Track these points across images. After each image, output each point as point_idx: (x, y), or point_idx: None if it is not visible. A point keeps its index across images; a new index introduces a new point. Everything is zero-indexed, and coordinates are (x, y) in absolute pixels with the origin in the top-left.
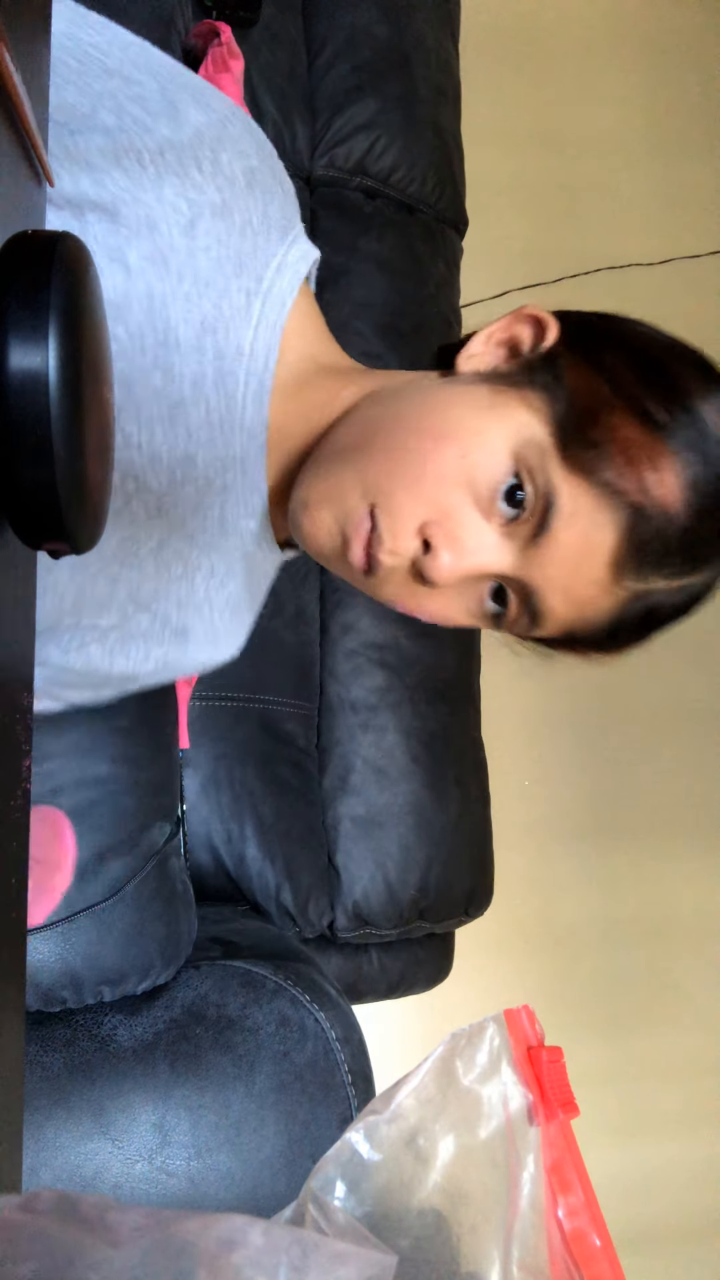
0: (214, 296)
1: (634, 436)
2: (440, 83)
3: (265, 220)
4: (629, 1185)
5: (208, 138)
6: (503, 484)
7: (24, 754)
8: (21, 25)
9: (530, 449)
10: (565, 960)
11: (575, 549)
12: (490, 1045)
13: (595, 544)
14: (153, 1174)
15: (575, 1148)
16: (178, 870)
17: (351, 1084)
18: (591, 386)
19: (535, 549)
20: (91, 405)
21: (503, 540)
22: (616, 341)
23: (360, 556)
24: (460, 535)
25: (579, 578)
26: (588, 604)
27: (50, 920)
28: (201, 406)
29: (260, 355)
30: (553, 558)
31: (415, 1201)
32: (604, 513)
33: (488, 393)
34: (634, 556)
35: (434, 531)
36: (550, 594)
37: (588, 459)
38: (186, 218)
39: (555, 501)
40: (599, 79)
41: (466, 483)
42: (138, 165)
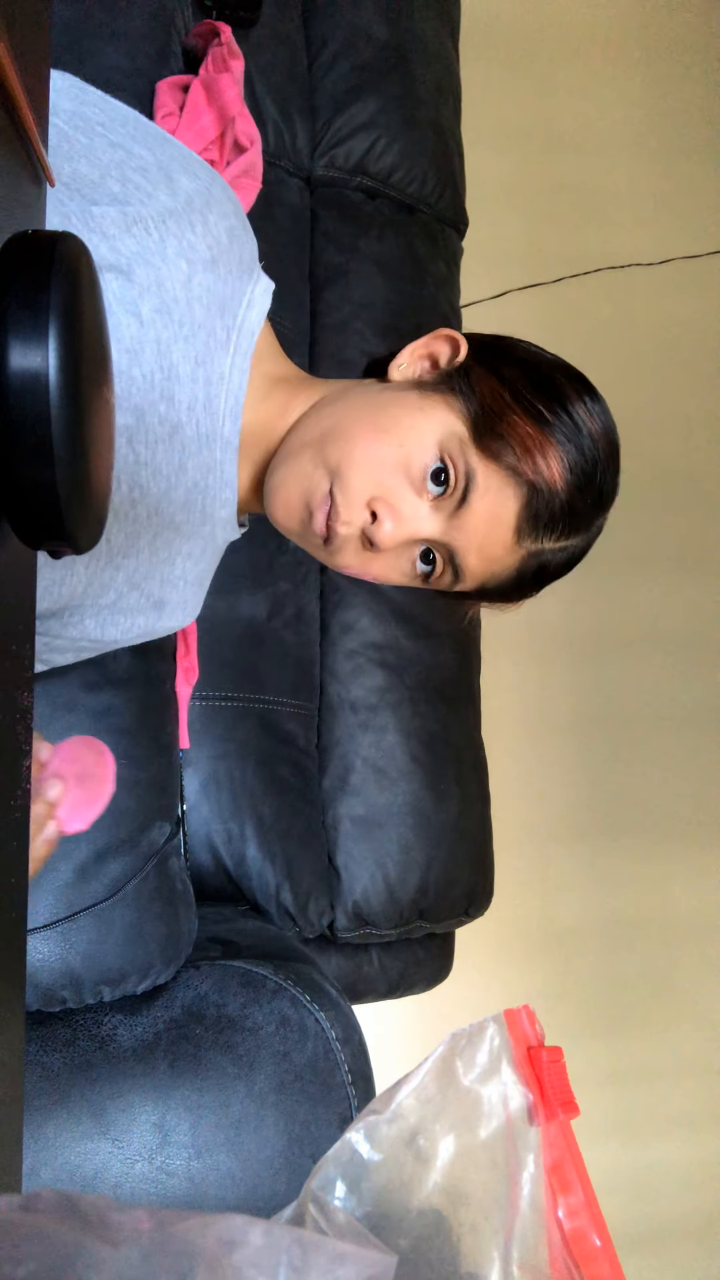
0: (204, 336)
1: (529, 431)
2: (440, 83)
3: (240, 266)
4: (629, 1185)
5: (197, 203)
6: (431, 467)
7: (24, 754)
8: (22, 26)
9: (452, 440)
10: (565, 960)
11: (487, 517)
12: (490, 1045)
13: (502, 514)
14: (153, 1174)
15: (575, 1148)
16: (178, 870)
17: (351, 1084)
18: (496, 392)
19: (457, 518)
20: (91, 405)
21: (432, 512)
22: (513, 358)
23: (321, 526)
24: (399, 507)
25: (490, 540)
26: (496, 561)
27: (50, 920)
28: (193, 425)
29: (236, 379)
30: (471, 525)
31: (415, 1201)
32: (508, 489)
33: (418, 396)
34: (530, 523)
35: (379, 505)
36: (469, 554)
37: (496, 448)
38: (185, 274)
39: (473, 480)
40: (599, 79)
41: (403, 467)
42: (145, 232)
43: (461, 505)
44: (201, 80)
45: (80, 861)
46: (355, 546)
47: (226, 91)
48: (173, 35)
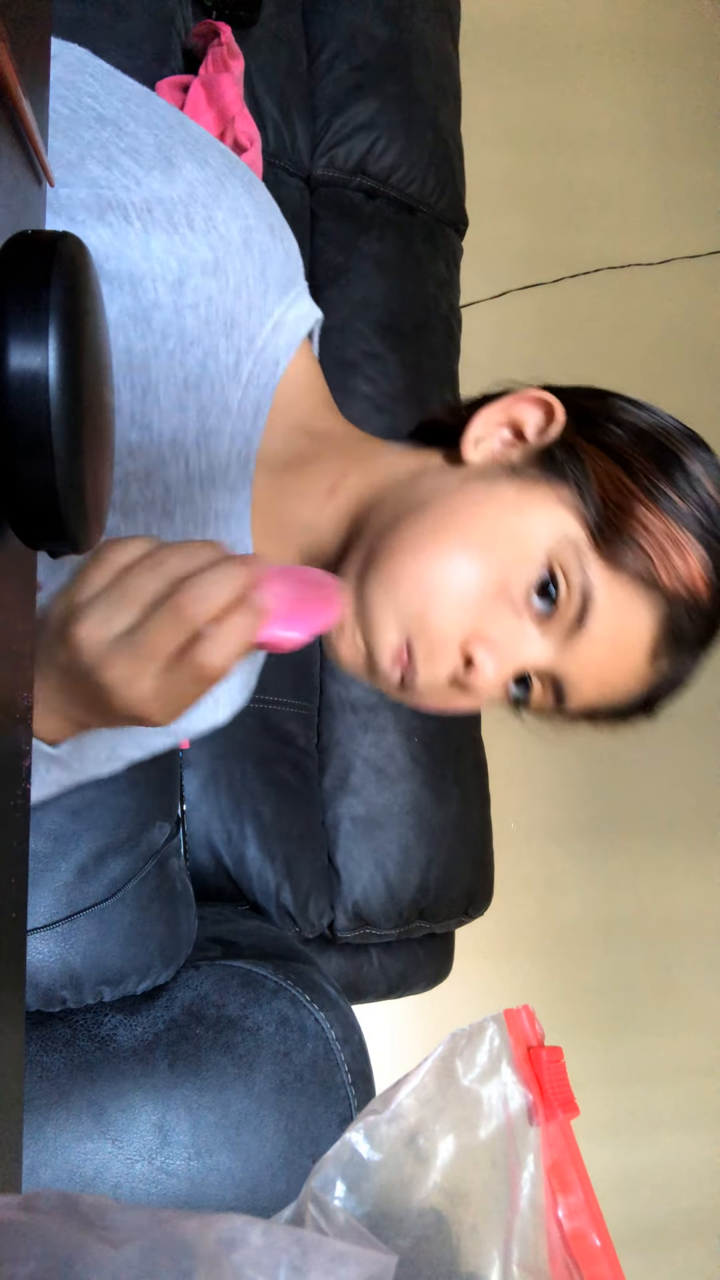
0: (199, 355)
1: (661, 526)
2: (440, 83)
3: (262, 280)
4: (629, 1185)
5: (201, 195)
6: (536, 581)
7: (24, 754)
8: (22, 26)
9: (566, 548)
10: (565, 960)
11: (612, 642)
12: (490, 1045)
13: (632, 635)
14: (153, 1174)
15: (575, 1148)
16: (178, 870)
17: (351, 1084)
18: (615, 476)
19: (571, 643)
20: (91, 405)
21: (540, 637)
22: (621, 424)
23: (396, 678)
24: (500, 640)
25: (615, 668)
26: (619, 688)
27: (50, 920)
28: (181, 463)
29: (249, 414)
30: (590, 652)
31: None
32: (640, 604)
33: (514, 490)
34: (670, 643)
35: (474, 646)
36: (583, 683)
37: (624, 554)
38: (175, 275)
39: (593, 597)
40: (599, 79)
41: (502, 588)
42: (123, 220)
43: (578, 627)
44: (201, 80)
45: (80, 861)
46: (441, 688)
47: (226, 91)
48: (173, 35)
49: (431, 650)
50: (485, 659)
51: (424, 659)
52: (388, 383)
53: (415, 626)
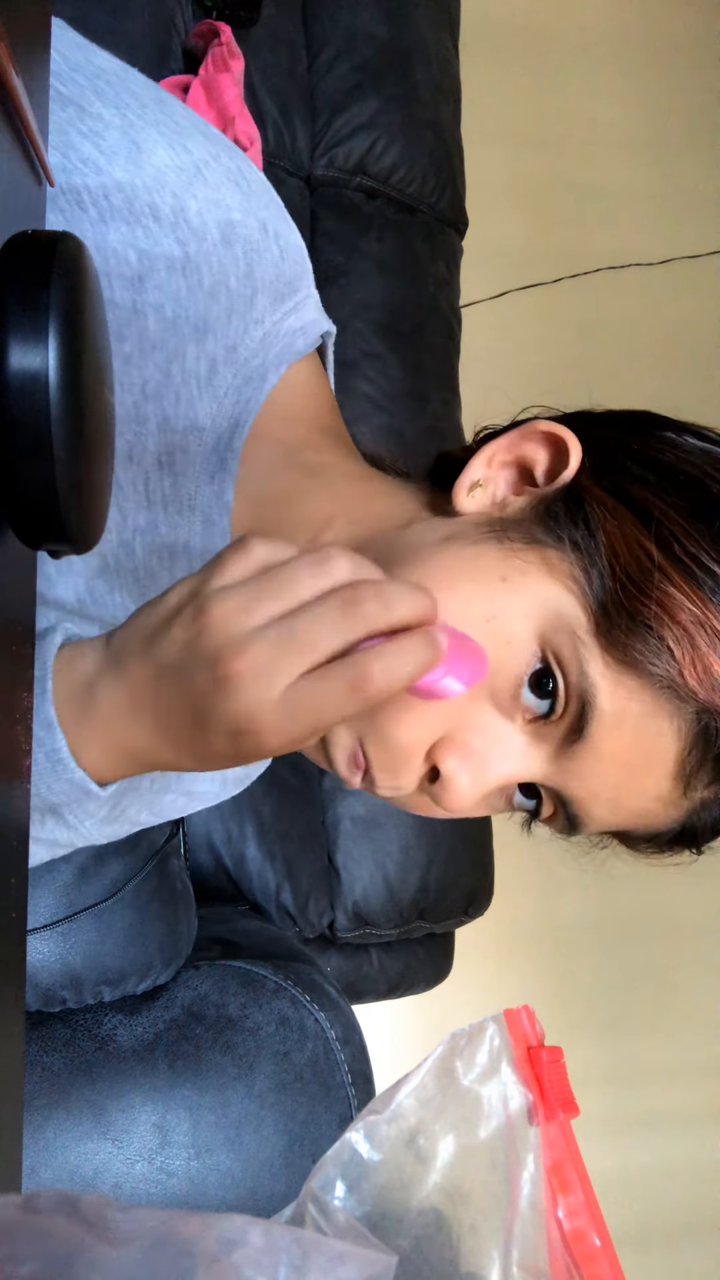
0: (161, 360)
1: (695, 612)
2: (440, 83)
3: (248, 282)
4: (629, 1185)
5: (171, 182)
6: (528, 672)
7: (24, 754)
8: (22, 26)
9: (560, 633)
10: (565, 960)
11: (623, 761)
12: (490, 1045)
13: (651, 756)
14: (153, 1174)
15: (575, 1148)
16: (178, 870)
17: (351, 1084)
18: (633, 541)
19: (571, 756)
20: (91, 405)
21: (530, 743)
22: (657, 469)
23: (359, 784)
24: (477, 747)
25: (632, 791)
26: (645, 815)
27: (50, 920)
28: (140, 483)
29: (224, 432)
30: (594, 770)
31: (415, 1201)
32: (663, 717)
33: (498, 557)
34: (707, 767)
35: (443, 754)
36: (594, 806)
37: (639, 649)
38: (134, 270)
39: (593, 703)
40: (599, 79)
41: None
42: (76, 207)
43: (576, 737)
44: (201, 80)
45: (80, 861)
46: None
47: (226, 91)
48: (173, 35)
49: (387, 761)
50: (457, 770)
51: (379, 769)
52: (388, 383)
53: (368, 731)
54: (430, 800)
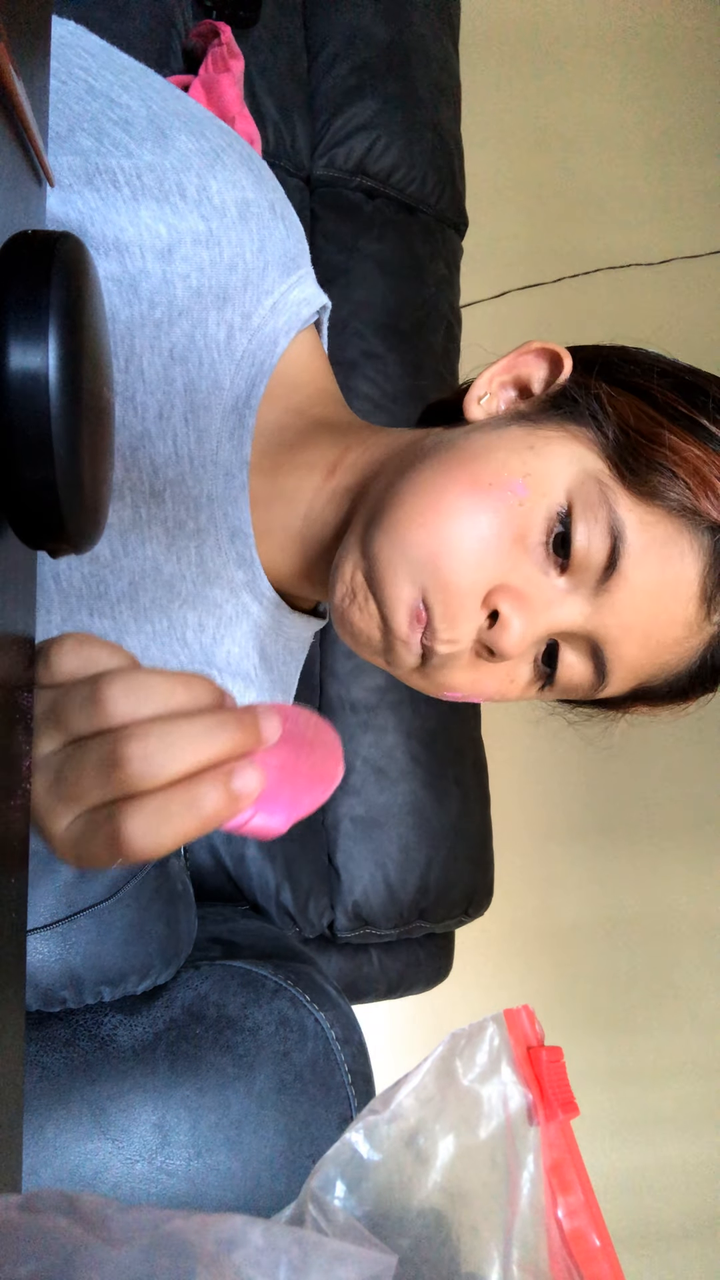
0: (187, 326)
1: (699, 454)
2: (440, 83)
3: (260, 256)
4: (629, 1185)
5: (195, 164)
6: (556, 528)
7: (24, 754)
8: (22, 26)
9: (588, 483)
10: (565, 960)
11: (654, 587)
12: (490, 1045)
13: (677, 577)
14: (153, 1174)
15: (575, 1148)
16: (178, 870)
17: (351, 1084)
18: (638, 408)
19: (606, 594)
20: (91, 405)
21: (570, 590)
22: (642, 368)
23: (416, 648)
24: (528, 594)
25: (661, 619)
26: (671, 647)
27: (50, 920)
28: (169, 440)
29: (242, 391)
30: (629, 601)
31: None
32: (683, 539)
33: (523, 432)
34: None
35: (499, 599)
36: (626, 643)
37: (656, 483)
38: (165, 243)
39: (623, 535)
40: (599, 79)
41: (520, 535)
42: (111, 185)
43: (609, 574)
44: (201, 80)
45: None
46: (466, 661)
47: (227, 91)
48: (173, 35)
49: (449, 605)
50: (511, 613)
51: (442, 616)
52: (388, 383)
53: (429, 577)
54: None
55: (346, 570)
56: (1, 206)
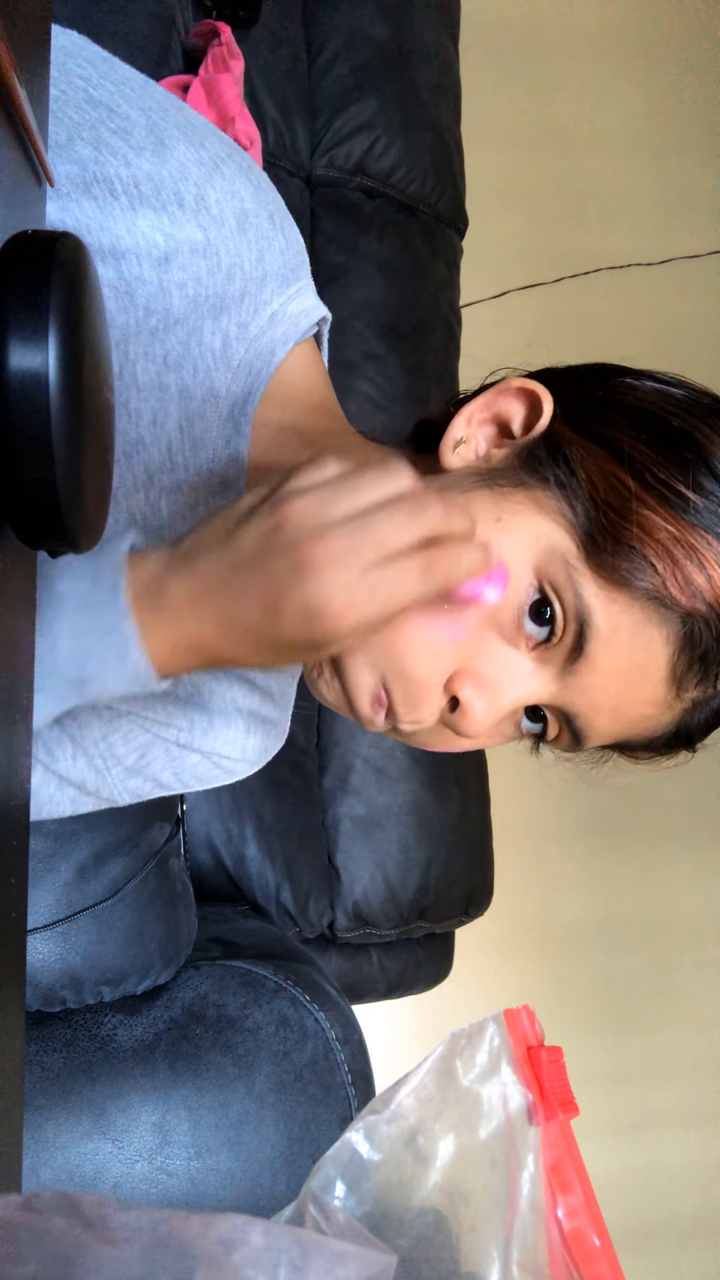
0: (182, 335)
1: (671, 530)
2: (440, 83)
3: (259, 266)
4: (629, 1185)
5: (194, 174)
6: (528, 602)
7: (24, 754)
8: (22, 27)
9: (554, 563)
10: (565, 960)
11: (621, 672)
12: (490, 1045)
13: (646, 664)
14: (153, 1174)
15: (575, 1148)
16: (178, 870)
17: (351, 1084)
18: (609, 475)
19: (574, 673)
20: (91, 405)
21: (537, 667)
22: (621, 410)
23: (382, 725)
24: (490, 675)
25: (630, 699)
26: (642, 721)
27: (50, 920)
28: (163, 446)
29: (238, 401)
30: (596, 682)
31: (415, 1201)
32: (652, 627)
33: (491, 501)
34: (695, 668)
35: (459, 685)
36: (596, 718)
37: (625, 568)
38: (161, 251)
39: (590, 621)
40: (599, 79)
41: (490, 616)
42: (109, 194)
43: (576, 656)
44: (201, 80)
45: (80, 861)
46: (434, 730)
47: (227, 92)
48: (173, 35)
49: (409, 695)
50: (473, 698)
51: (402, 704)
52: (388, 383)
53: (390, 668)
54: (447, 733)
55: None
56: (1, 207)
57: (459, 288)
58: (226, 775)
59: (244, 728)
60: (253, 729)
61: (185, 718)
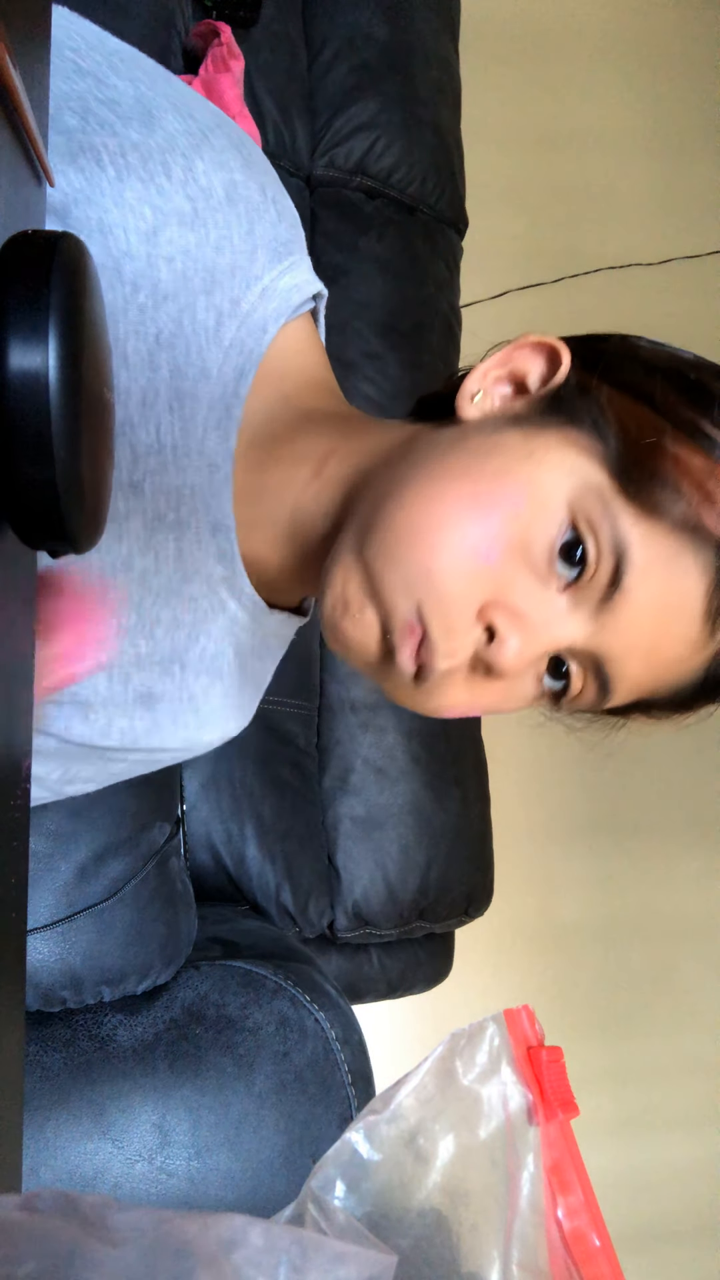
0: (173, 311)
1: (703, 465)
2: (440, 83)
3: (249, 239)
4: (629, 1185)
5: (182, 144)
6: (559, 540)
7: (24, 754)
8: (21, 25)
9: (588, 496)
10: (565, 960)
11: (657, 605)
12: (490, 1045)
13: (682, 595)
14: (153, 1174)
15: (575, 1148)
16: (178, 870)
17: (351, 1084)
18: (637, 413)
19: (609, 612)
20: (91, 405)
21: (570, 608)
22: (639, 362)
23: (409, 664)
24: (526, 611)
25: (665, 637)
26: (674, 665)
27: (50, 920)
28: (151, 427)
29: (230, 380)
30: (632, 619)
31: (415, 1201)
32: (687, 556)
33: (520, 438)
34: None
35: (495, 614)
36: (629, 661)
37: (659, 497)
38: (149, 224)
39: (626, 553)
40: (599, 79)
41: (520, 548)
42: (95, 165)
43: (613, 591)
44: (201, 80)
45: (80, 861)
46: (462, 678)
47: (227, 91)
48: (173, 35)
49: (446, 616)
50: (509, 630)
51: (440, 629)
52: (388, 383)
53: (424, 587)
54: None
55: (337, 580)
56: (1, 206)
57: (459, 288)
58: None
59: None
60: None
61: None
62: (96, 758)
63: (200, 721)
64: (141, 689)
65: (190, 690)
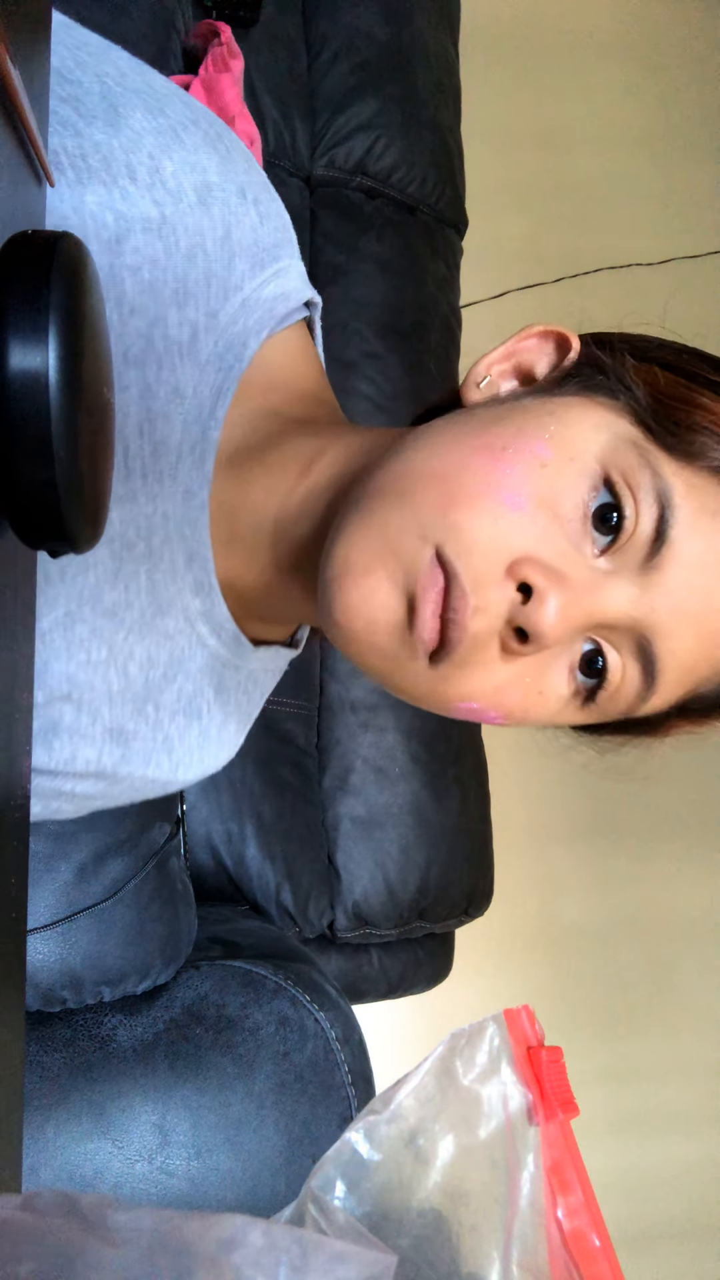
0: (141, 326)
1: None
2: (440, 83)
3: (225, 246)
4: (629, 1185)
5: (148, 144)
6: (592, 502)
7: (24, 754)
8: (21, 25)
9: (622, 448)
10: (565, 960)
11: (707, 558)
12: (490, 1045)
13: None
14: (153, 1174)
15: (575, 1148)
16: (178, 870)
17: (351, 1084)
18: (664, 376)
19: (654, 570)
20: (91, 405)
21: (612, 573)
22: (647, 342)
23: (431, 627)
24: (565, 570)
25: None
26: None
27: (50, 920)
28: (119, 451)
29: (206, 401)
30: (681, 578)
31: (415, 1201)
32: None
33: (539, 401)
34: None
35: (530, 570)
36: (679, 633)
37: (700, 443)
38: (112, 232)
39: (671, 501)
40: (599, 79)
41: (549, 502)
42: (54, 169)
43: (659, 546)
44: (201, 80)
45: (80, 861)
46: (492, 655)
47: (227, 91)
48: (173, 35)
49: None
50: (548, 588)
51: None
52: (388, 383)
53: (443, 529)
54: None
55: (338, 549)
56: (1, 206)
57: (459, 288)
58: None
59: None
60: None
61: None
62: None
63: (175, 763)
64: (112, 725)
65: (165, 732)
